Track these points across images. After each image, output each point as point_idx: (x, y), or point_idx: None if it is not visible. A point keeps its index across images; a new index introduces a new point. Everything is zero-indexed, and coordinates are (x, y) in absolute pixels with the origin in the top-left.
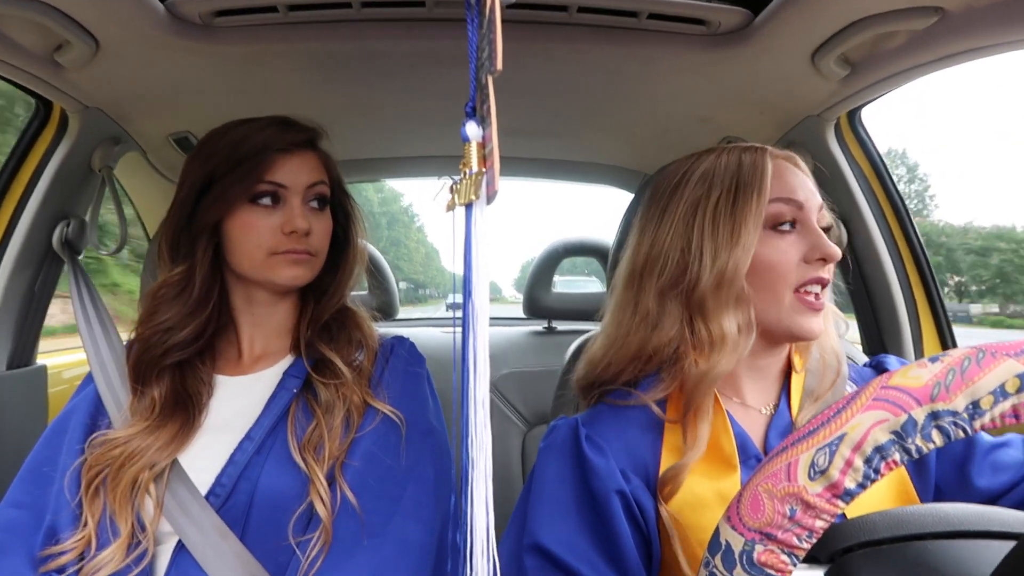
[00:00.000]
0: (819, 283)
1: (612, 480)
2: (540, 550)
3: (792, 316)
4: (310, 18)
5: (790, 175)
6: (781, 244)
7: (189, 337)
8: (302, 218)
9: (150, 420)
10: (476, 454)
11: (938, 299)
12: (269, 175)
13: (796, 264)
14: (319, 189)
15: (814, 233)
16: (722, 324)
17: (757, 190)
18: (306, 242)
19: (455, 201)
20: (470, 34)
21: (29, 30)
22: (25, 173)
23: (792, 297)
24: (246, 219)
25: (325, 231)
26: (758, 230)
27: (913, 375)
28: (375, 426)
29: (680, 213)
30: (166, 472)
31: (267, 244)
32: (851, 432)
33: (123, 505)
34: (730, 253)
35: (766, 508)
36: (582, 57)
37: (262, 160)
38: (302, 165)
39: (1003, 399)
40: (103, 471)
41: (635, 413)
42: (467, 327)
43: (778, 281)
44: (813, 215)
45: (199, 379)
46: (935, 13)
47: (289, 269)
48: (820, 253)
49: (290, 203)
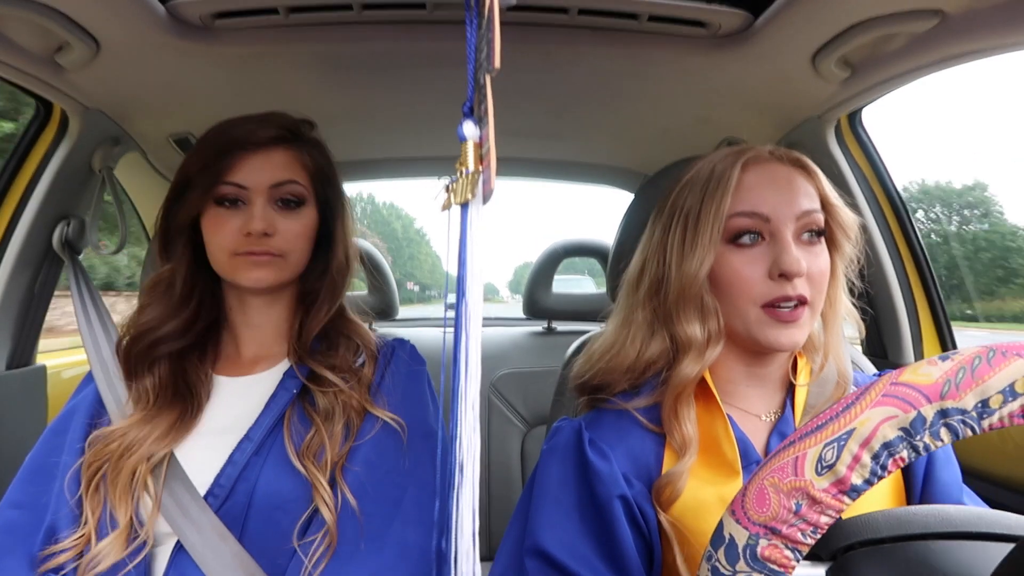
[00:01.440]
0: (786, 301)
1: (615, 484)
2: (541, 553)
3: (760, 329)
4: (310, 20)
5: (764, 185)
6: (741, 260)
7: (175, 332)
8: (260, 219)
9: (146, 411)
10: (464, 457)
11: (938, 301)
12: (229, 175)
13: (759, 280)
14: (287, 189)
15: (780, 247)
16: (686, 331)
17: (716, 203)
18: (267, 243)
19: (451, 200)
20: (469, 35)
21: (30, 31)
22: (26, 173)
23: (759, 311)
24: (212, 220)
25: (295, 231)
26: (715, 243)
27: (923, 372)
28: (375, 432)
29: (661, 222)
30: (164, 465)
31: (229, 245)
32: (860, 428)
33: (122, 498)
34: (689, 264)
35: (772, 502)
36: (583, 59)
37: (224, 160)
38: (266, 164)
39: (1012, 399)
40: (102, 466)
41: (637, 417)
42: (459, 327)
43: (739, 296)
44: (785, 227)
45: (196, 374)
46: (935, 16)
47: (251, 271)
48: (779, 269)
49: (252, 204)
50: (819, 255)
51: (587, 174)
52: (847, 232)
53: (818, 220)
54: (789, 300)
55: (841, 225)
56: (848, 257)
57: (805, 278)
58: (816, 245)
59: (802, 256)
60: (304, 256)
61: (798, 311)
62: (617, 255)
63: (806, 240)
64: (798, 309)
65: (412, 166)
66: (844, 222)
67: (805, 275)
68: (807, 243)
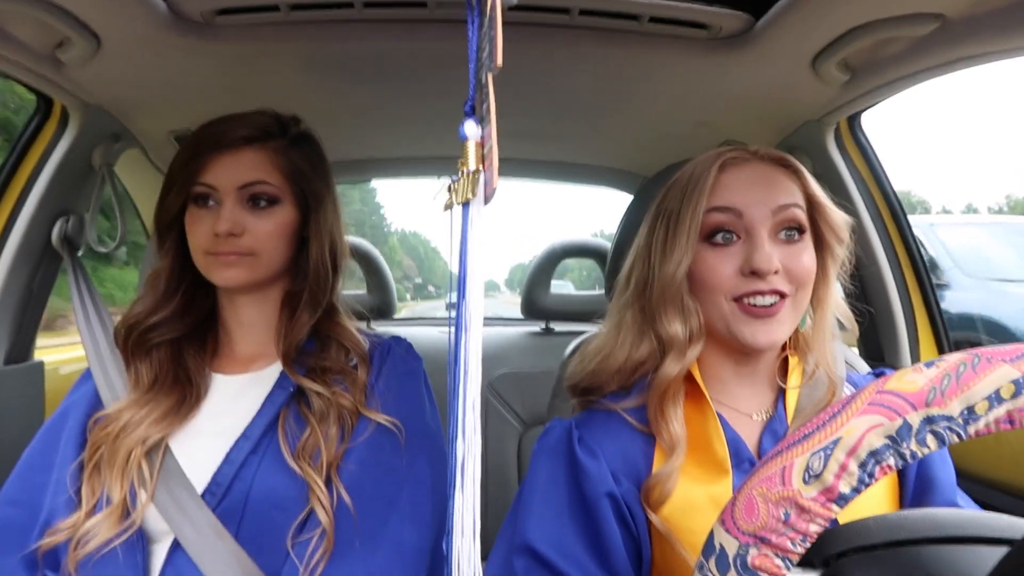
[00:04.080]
0: (760, 295)
1: (603, 483)
2: (530, 551)
3: (736, 325)
4: (312, 18)
5: (740, 182)
6: (714, 257)
7: (165, 321)
8: (226, 220)
9: (143, 395)
10: (466, 456)
11: (935, 304)
12: (201, 176)
13: (731, 276)
14: (255, 189)
15: (752, 244)
16: (668, 330)
17: (694, 203)
18: (234, 244)
19: (452, 200)
20: (470, 34)
21: (30, 27)
22: (25, 169)
23: (732, 306)
24: (191, 219)
25: (267, 230)
26: (692, 243)
27: (909, 379)
28: (370, 433)
29: (648, 224)
30: (160, 453)
31: (203, 244)
32: (846, 436)
33: (117, 477)
34: (668, 264)
35: (760, 512)
36: (583, 60)
37: (197, 160)
38: (235, 164)
39: (998, 404)
40: (100, 447)
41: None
42: (460, 327)
43: (712, 292)
44: (759, 223)
45: (193, 366)
46: (936, 19)
47: (222, 270)
48: (749, 267)
49: (222, 204)
50: (800, 253)
51: (586, 175)
52: (836, 232)
53: (796, 216)
54: (761, 294)
55: (830, 224)
56: (840, 258)
57: (783, 274)
58: (797, 243)
59: (778, 253)
60: (280, 255)
61: (776, 306)
62: (615, 257)
63: (785, 238)
64: (775, 305)
65: (413, 165)
66: (832, 221)
67: (781, 271)
68: (786, 241)
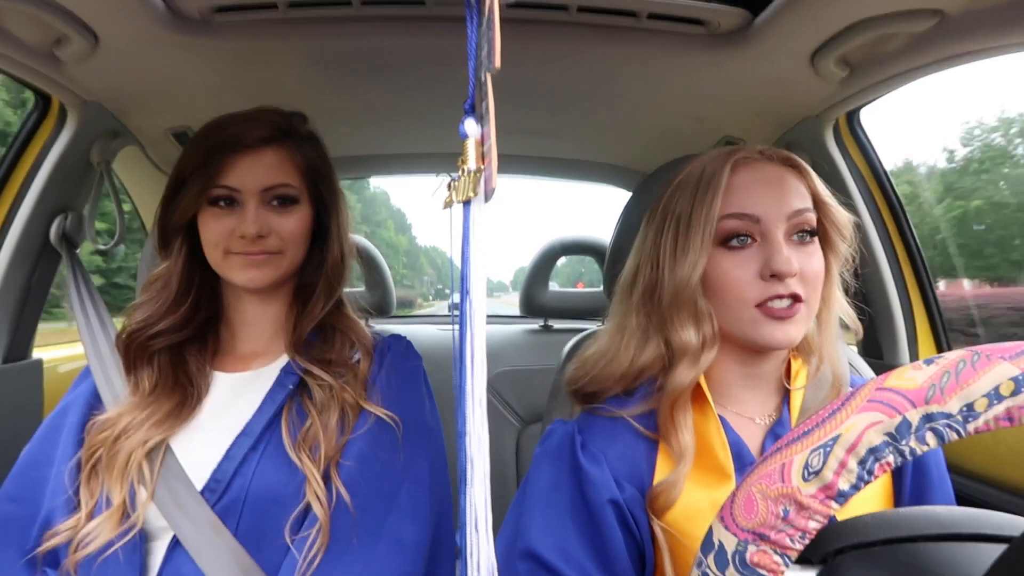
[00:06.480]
0: (779, 299)
1: (606, 489)
2: (533, 556)
3: (755, 328)
4: (310, 15)
5: (754, 186)
6: (732, 261)
7: (173, 327)
8: (252, 222)
9: (143, 399)
10: (474, 452)
11: (934, 301)
12: (222, 178)
13: (751, 281)
14: (279, 191)
15: (771, 247)
16: (681, 336)
17: (707, 206)
18: (262, 244)
19: (453, 198)
20: (469, 32)
21: (28, 24)
22: (23, 167)
23: (753, 312)
24: (206, 219)
25: (291, 229)
26: (707, 247)
27: (908, 377)
28: (369, 427)
29: (654, 226)
30: (160, 454)
31: (223, 245)
32: (845, 433)
33: (116, 480)
34: (681, 269)
35: (759, 508)
36: (582, 56)
37: (216, 163)
38: (257, 166)
39: (997, 402)
40: (98, 450)
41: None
42: (464, 324)
43: (732, 299)
44: (776, 227)
45: (194, 367)
46: (935, 16)
47: (245, 271)
48: (770, 270)
49: (245, 205)
50: (812, 255)
51: (585, 172)
52: (841, 231)
53: (810, 220)
54: (782, 297)
55: (835, 224)
56: (843, 256)
57: (798, 278)
58: (809, 245)
59: (794, 256)
60: (300, 252)
61: (793, 308)
62: (614, 254)
63: (798, 240)
64: (793, 306)
65: (411, 162)
66: (838, 221)
67: (798, 275)
68: (799, 243)
